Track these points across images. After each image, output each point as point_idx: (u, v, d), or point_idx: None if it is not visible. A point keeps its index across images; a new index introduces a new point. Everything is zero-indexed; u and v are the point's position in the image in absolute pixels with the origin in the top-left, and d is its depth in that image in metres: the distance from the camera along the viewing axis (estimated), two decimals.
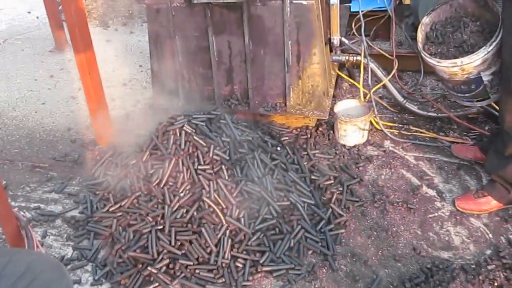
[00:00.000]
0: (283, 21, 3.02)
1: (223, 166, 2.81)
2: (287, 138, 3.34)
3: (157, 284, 2.48)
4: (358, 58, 3.47)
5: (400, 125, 3.53)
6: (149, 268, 2.49)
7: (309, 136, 3.38)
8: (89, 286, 2.56)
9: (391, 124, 3.54)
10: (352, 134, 3.32)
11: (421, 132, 3.45)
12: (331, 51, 3.48)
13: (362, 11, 3.66)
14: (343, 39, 3.51)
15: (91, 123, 3.51)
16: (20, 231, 2.62)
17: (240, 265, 2.54)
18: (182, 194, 2.73)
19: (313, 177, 3.00)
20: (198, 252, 2.54)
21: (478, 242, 2.67)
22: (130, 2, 5.56)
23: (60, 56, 4.91)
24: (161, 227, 2.63)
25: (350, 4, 4.53)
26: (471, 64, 2.81)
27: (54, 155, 3.52)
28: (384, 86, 3.58)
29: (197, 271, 2.50)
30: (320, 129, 3.48)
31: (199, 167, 2.78)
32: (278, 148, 3.09)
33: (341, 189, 2.98)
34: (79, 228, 2.89)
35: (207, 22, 3.11)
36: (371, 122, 3.43)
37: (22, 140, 3.74)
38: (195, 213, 2.66)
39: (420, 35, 3.11)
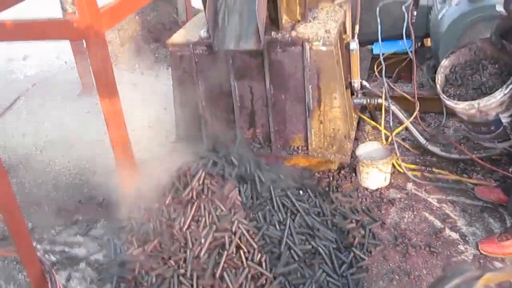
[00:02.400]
0: (303, 67, 3.07)
1: (244, 211, 2.82)
2: (309, 181, 3.35)
3: None
4: (379, 101, 3.49)
5: (423, 167, 3.52)
6: None
7: (331, 179, 3.39)
8: None
9: (414, 166, 3.52)
10: (374, 177, 3.32)
11: (444, 174, 3.43)
12: (352, 94, 3.51)
13: (383, 54, 3.71)
14: (364, 82, 3.55)
15: (115, 167, 3.56)
16: (44, 275, 2.66)
17: None
18: (203, 239, 2.74)
19: (335, 220, 2.99)
20: None
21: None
22: (155, 47, 5.70)
23: (87, 99, 5.02)
24: (183, 271, 2.64)
25: (372, 47, 4.59)
26: (488, 106, 2.82)
27: (79, 198, 3.57)
28: (406, 128, 3.59)
29: None
30: (342, 171, 3.49)
31: (221, 213, 2.80)
32: (301, 192, 3.10)
33: (363, 232, 2.97)
34: (103, 272, 2.92)
35: (229, 68, 3.17)
36: (393, 165, 3.42)
37: (49, 183, 3.82)
38: (216, 257, 2.67)
39: (439, 77, 3.13)
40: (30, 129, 4.64)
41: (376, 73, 4.07)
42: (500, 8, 2.71)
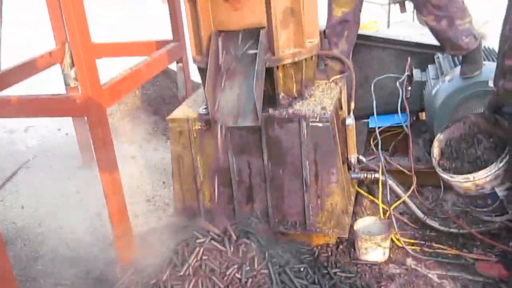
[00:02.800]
0: (300, 143, 3.12)
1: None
2: (307, 256, 3.33)
3: None
4: (376, 175, 3.53)
5: (422, 242, 3.49)
6: None
7: (329, 254, 3.36)
8: None
9: (413, 241, 3.51)
10: (373, 252, 3.30)
11: (443, 249, 3.41)
12: (349, 169, 3.55)
13: (378, 128, 3.78)
14: (360, 157, 3.59)
15: (113, 241, 3.55)
16: None
17: None
18: None
19: None
20: None
21: None
22: (155, 120, 5.79)
23: (87, 172, 5.05)
24: None
25: (368, 120, 4.67)
26: (483, 179, 2.86)
27: (76, 272, 3.54)
28: (404, 202, 3.60)
29: None
30: (341, 246, 3.46)
31: None
32: (299, 268, 3.08)
33: None
34: None
35: (227, 144, 3.22)
36: (392, 239, 3.41)
37: (46, 256, 3.79)
38: None
39: (434, 151, 3.19)
40: (30, 201, 4.64)
41: (373, 146, 4.13)
42: (491, 84, 2.79)
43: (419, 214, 3.57)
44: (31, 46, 6.75)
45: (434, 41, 3.94)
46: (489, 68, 3.62)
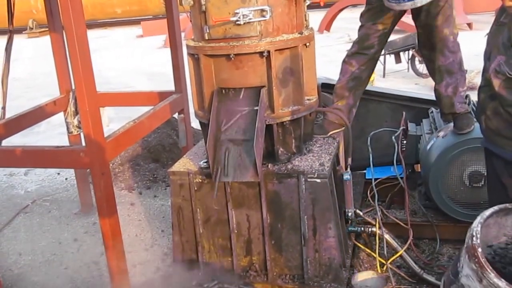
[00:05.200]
0: (298, 198, 3.18)
1: None
2: None
3: None
4: (373, 229, 3.57)
5: None
6: None
7: None
8: None
9: None
10: None
11: None
12: (346, 222, 3.60)
13: (375, 180, 3.83)
14: (357, 211, 3.64)
15: None
16: None
17: None
18: None
19: None
20: None
21: None
22: (155, 167, 5.85)
23: (85, 218, 5.08)
24: None
25: (365, 172, 4.73)
26: None
27: None
28: (401, 256, 3.63)
29: None
30: None
31: None
32: None
33: None
34: None
35: (227, 197, 3.28)
36: None
37: None
38: None
39: None
40: (27, 247, 4.65)
41: (369, 198, 4.18)
42: None
43: (416, 268, 3.59)
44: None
45: (428, 96, 4.05)
46: None
